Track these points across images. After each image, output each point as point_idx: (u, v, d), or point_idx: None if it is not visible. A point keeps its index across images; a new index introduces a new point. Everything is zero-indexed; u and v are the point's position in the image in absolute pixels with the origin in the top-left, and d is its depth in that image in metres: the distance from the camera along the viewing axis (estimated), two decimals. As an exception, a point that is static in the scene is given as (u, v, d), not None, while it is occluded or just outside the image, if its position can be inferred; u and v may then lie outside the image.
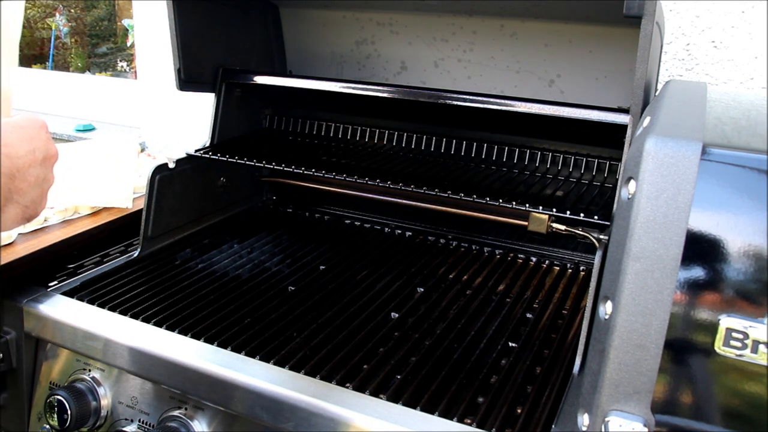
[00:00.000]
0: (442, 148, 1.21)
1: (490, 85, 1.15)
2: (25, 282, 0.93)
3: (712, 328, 0.48)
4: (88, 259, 1.04)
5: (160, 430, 0.78)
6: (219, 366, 0.76)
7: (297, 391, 0.72)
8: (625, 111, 0.80)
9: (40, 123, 0.64)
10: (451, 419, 0.69)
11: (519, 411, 0.72)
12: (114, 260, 1.04)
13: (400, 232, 1.24)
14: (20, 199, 0.60)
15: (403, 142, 1.24)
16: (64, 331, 0.86)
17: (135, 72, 1.89)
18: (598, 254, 0.75)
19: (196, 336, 0.82)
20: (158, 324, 0.85)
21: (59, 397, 0.82)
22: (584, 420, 0.56)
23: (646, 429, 0.51)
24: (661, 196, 0.48)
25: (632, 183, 0.50)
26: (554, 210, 0.89)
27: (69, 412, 0.81)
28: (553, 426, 0.68)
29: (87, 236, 1.05)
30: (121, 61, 2.74)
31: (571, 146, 1.12)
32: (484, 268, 1.09)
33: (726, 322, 0.48)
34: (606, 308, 0.53)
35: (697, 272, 0.48)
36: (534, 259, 1.14)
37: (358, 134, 1.28)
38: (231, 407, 0.75)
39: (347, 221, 1.29)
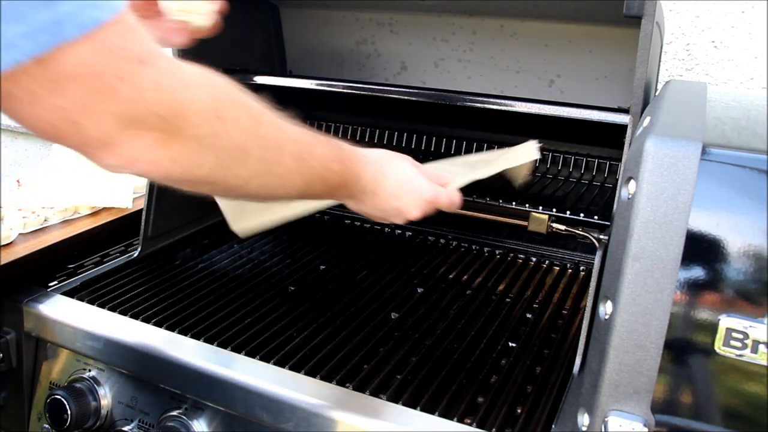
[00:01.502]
0: (442, 148, 1.21)
1: (490, 85, 1.15)
2: (25, 282, 0.93)
3: (712, 328, 0.48)
4: (88, 259, 1.04)
5: (160, 430, 0.78)
6: (219, 366, 0.76)
7: (297, 391, 0.72)
8: (625, 111, 0.80)
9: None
10: (451, 419, 0.69)
11: (519, 411, 0.72)
12: (114, 260, 1.04)
13: (400, 232, 1.24)
14: None
15: (403, 142, 1.24)
16: (64, 331, 0.86)
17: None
18: (598, 254, 0.75)
19: (196, 336, 0.82)
20: (158, 324, 0.85)
21: (59, 398, 0.82)
22: (584, 420, 0.56)
23: (646, 429, 0.51)
24: (661, 196, 0.48)
25: (632, 183, 0.50)
26: (554, 210, 0.89)
27: (69, 412, 0.81)
28: (553, 426, 0.68)
29: (87, 236, 1.05)
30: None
31: (571, 146, 1.12)
32: (484, 268, 1.09)
33: (726, 322, 0.48)
34: (606, 308, 0.53)
35: (697, 272, 0.48)
36: (534, 259, 1.14)
37: (358, 134, 1.28)
38: (231, 407, 0.75)
39: (347, 221, 1.29)
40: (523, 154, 0.88)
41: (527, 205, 0.89)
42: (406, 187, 0.75)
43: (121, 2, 0.45)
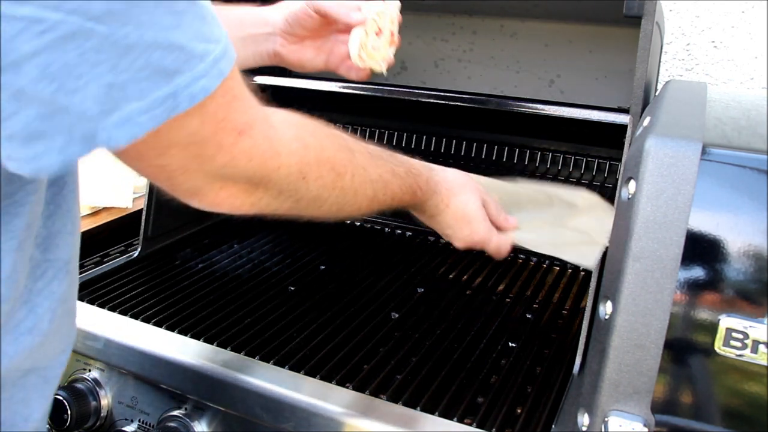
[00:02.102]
0: (442, 148, 1.21)
1: (490, 85, 1.15)
2: (25, 282, 0.93)
3: (712, 328, 0.48)
4: (88, 259, 1.04)
5: (160, 430, 0.78)
6: (219, 366, 0.76)
7: (297, 391, 0.72)
8: (625, 111, 0.80)
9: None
10: (451, 419, 0.69)
11: (519, 411, 0.72)
12: (114, 260, 1.04)
13: (400, 232, 1.24)
14: None
15: (403, 142, 1.24)
16: (64, 331, 0.86)
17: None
18: (598, 254, 0.75)
19: (196, 336, 0.82)
20: (158, 324, 0.85)
21: (59, 398, 0.82)
22: (584, 420, 0.56)
23: (646, 429, 0.51)
24: (661, 196, 0.48)
25: (632, 183, 0.50)
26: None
27: (69, 412, 0.81)
28: (553, 426, 0.68)
29: (87, 236, 1.05)
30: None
31: (571, 146, 1.12)
32: (484, 268, 1.09)
33: (726, 322, 0.48)
34: (606, 308, 0.53)
35: (697, 272, 0.48)
36: (534, 259, 1.14)
37: (358, 134, 1.28)
38: (231, 407, 0.75)
39: (347, 221, 1.29)
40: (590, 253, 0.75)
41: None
42: (461, 224, 0.78)
43: (227, 64, 0.46)
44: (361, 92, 1.05)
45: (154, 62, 0.41)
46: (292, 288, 0.98)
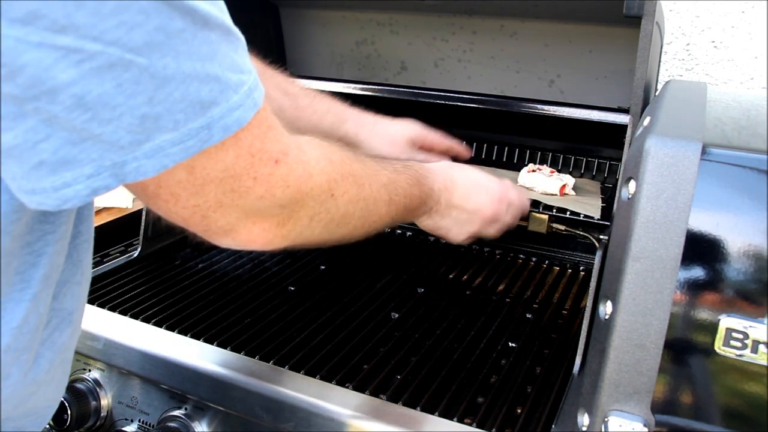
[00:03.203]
0: (442, 148, 1.21)
1: (490, 85, 1.15)
2: (25, 282, 0.93)
3: (712, 328, 0.48)
4: (88, 259, 1.04)
5: (160, 430, 0.78)
6: (219, 366, 0.76)
7: (297, 391, 0.72)
8: (625, 111, 0.80)
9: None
10: (451, 419, 0.69)
11: (519, 411, 0.72)
12: (114, 260, 1.04)
13: (400, 232, 1.24)
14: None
15: (403, 142, 1.24)
16: (64, 331, 0.86)
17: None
18: (598, 254, 0.75)
19: (196, 336, 0.82)
20: (158, 324, 0.85)
21: (59, 397, 0.82)
22: (584, 420, 0.56)
23: (646, 429, 0.51)
24: (661, 196, 0.48)
25: (632, 183, 0.50)
26: (554, 210, 0.89)
27: (69, 412, 0.81)
28: (553, 426, 0.68)
29: (87, 236, 1.05)
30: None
31: (571, 146, 1.12)
32: (484, 268, 1.09)
33: (726, 322, 0.48)
34: (606, 308, 0.53)
35: (697, 272, 0.48)
36: (534, 259, 1.14)
37: (358, 134, 1.27)
38: (231, 407, 0.75)
39: (347, 221, 1.29)
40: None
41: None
42: (476, 187, 0.79)
43: (260, 95, 0.46)
44: (362, 92, 1.05)
45: (191, 94, 0.40)
46: (292, 288, 0.98)
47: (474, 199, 0.79)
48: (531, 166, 1.02)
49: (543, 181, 0.95)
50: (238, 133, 0.44)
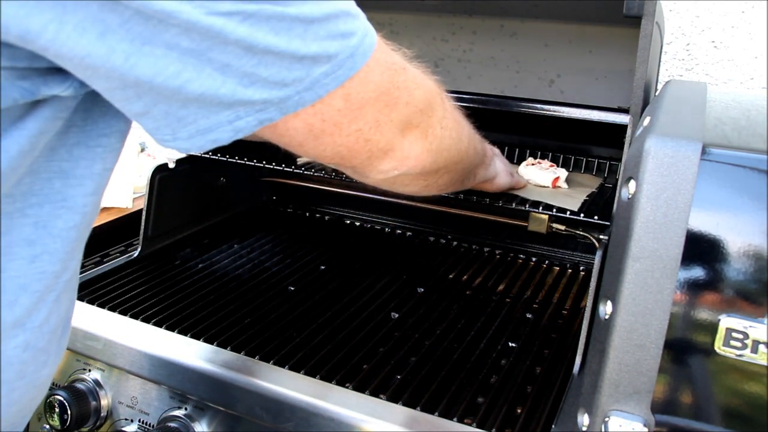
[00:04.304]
0: (442, 148, 1.21)
1: (490, 85, 1.15)
2: (25, 282, 0.93)
3: (712, 328, 0.48)
4: (88, 259, 1.04)
5: (160, 430, 0.78)
6: (219, 366, 0.76)
7: (297, 391, 0.72)
8: (625, 111, 0.80)
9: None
10: (451, 419, 0.69)
11: (519, 411, 0.72)
12: (114, 260, 1.04)
13: (400, 232, 1.24)
14: None
15: (403, 142, 1.24)
16: (64, 331, 0.86)
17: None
18: (598, 254, 0.75)
19: (196, 336, 0.82)
20: (158, 324, 0.85)
21: (59, 398, 0.82)
22: (584, 420, 0.56)
23: (646, 429, 0.51)
24: (661, 196, 0.48)
25: (632, 183, 0.50)
26: (554, 210, 0.89)
27: (69, 412, 0.81)
28: (553, 426, 0.68)
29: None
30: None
31: (571, 146, 1.12)
32: (484, 268, 1.09)
33: (726, 322, 0.48)
34: (606, 308, 0.53)
35: (697, 272, 0.48)
36: (534, 259, 1.14)
37: (358, 134, 1.27)
38: (231, 407, 0.75)
39: (347, 221, 1.29)
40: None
41: (527, 205, 0.89)
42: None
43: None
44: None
45: (333, 29, 0.46)
46: (292, 288, 0.98)
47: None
48: (530, 159, 1.03)
49: (537, 174, 0.96)
50: (375, 54, 0.50)
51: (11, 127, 0.43)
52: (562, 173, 0.98)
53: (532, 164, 0.99)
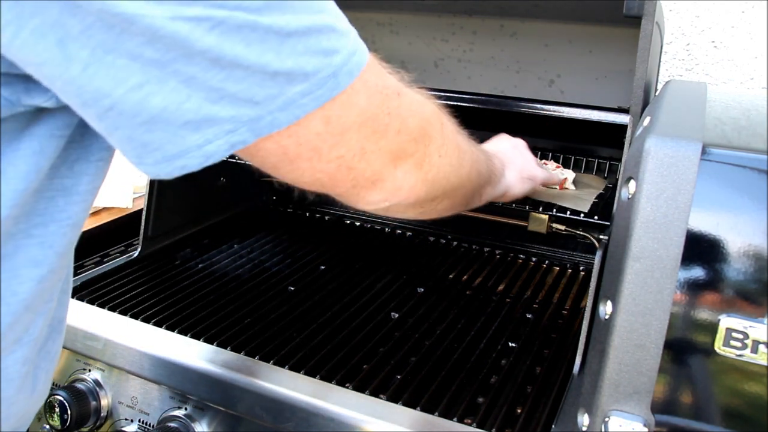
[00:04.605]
0: (442, 148, 1.21)
1: (490, 85, 1.15)
2: (25, 282, 0.93)
3: (712, 328, 0.48)
4: (88, 259, 1.04)
5: (160, 430, 0.78)
6: (219, 366, 0.76)
7: (297, 391, 0.72)
8: (625, 111, 0.80)
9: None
10: (451, 419, 0.69)
11: (519, 411, 0.72)
12: (114, 260, 1.04)
13: (400, 232, 1.24)
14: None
15: (403, 142, 1.24)
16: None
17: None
18: (598, 254, 0.75)
19: (196, 336, 0.82)
20: (158, 324, 0.85)
21: (59, 398, 0.82)
22: (584, 420, 0.56)
23: (646, 429, 0.51)
24: (661, 196, 0.48)
25: (632, 183, 0.50)
26: (554, 210, 0.89)
27: (69, 412, 0.81)
28: (553, 426, 0.68)
29: (87, 236, 1.05)
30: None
31: (571, 146, 1.12)
32: (484, 268, 1.09)
33: (726, 322, 0.48)
34: (606, 308, 0.53)
35: (697, 272, 0.48)
36: (534, 259, 1.14)
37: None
38: (231, 407, 0.75)
39: (347, 221, 1.29)
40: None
41: (527, 206, 0.89)
42: (516, 153, 0.85)
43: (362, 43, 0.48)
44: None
45: (314, 45, 0.43)
46: (292, 288, 0.98)
47: (519, 160, 0.85)
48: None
49: None
50: (362, 75, 0.46)
51: (8, 148, 0.42)
52: (570, 175, 0.97)
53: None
